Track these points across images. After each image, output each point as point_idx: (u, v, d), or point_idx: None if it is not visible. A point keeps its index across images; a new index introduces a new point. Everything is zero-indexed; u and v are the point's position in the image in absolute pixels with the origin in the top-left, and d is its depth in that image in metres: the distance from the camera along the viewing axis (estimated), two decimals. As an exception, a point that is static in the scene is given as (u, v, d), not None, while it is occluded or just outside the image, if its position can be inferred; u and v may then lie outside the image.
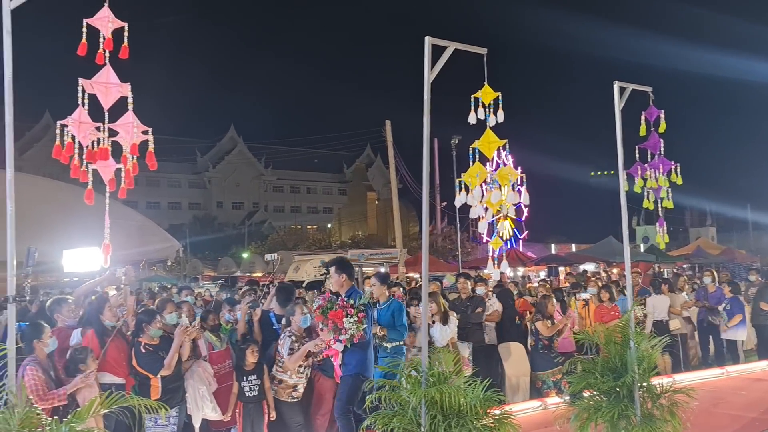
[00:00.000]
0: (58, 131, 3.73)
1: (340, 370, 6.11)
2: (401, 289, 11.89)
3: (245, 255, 43.78)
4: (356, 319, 5.81)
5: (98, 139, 3.84)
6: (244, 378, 6.52)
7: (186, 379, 6.30)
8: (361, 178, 76.06)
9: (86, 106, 3.76)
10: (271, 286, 10.67)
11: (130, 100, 3.90)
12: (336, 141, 66.35)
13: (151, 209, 54.40)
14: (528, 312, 9.83)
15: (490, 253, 5.74)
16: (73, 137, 3.80)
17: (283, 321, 7.12)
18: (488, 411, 4.57)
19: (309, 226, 65.09)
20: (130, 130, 3.89)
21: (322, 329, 6.02)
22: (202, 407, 6.28)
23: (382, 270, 21.12)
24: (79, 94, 3.81)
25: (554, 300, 8.88)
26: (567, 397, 6.59)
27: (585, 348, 7.98)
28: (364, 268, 22.34)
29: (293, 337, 6.58)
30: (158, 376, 5.90)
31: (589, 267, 23.63)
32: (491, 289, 10.06)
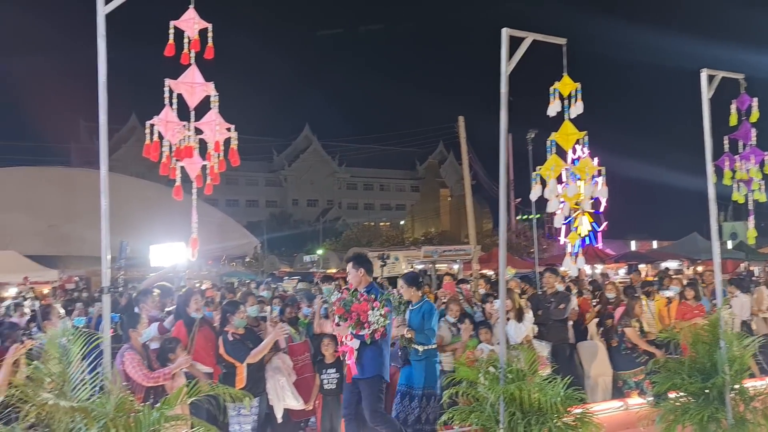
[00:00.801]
0: (147, 130, 3.89)
1: (355, 369, 5.65)
2: (468, 285, 11.84)
3: (320, 251, 44.51)
4: (382, 312, 5.50)
5: (185, 137, 3.99)
6: (323, 371, 6.64)
7: (266, 370, 6.48)
8: (433, 174, 75.85)
9: (174, 106, 3.91)
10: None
11: (213, 98, 4.02)
12: (409, 138, 66.39)
13: (230, 207, 56.01)
14: (588, 311, 9.58)
15: (568, 249, 5.60)
16: (161, 136, 3.96)
17: None
18: (569, 409, 4.48)
19: (382, 223, 65.41)
20: (213, 127, 4.02)
21: (339, 324, 5.64)
22: (283, 397, 6.44)
23: (423, 267, 21.01)
24: (166, 95, 3.96)
25: (642, 302, 8.48)
26: (651, 398, 6.37)
27: (669, 347, 7.72)
28: (437, 265, 22.31)
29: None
30: (244, 364, 6.10)
31: (672, 264, 22.72)
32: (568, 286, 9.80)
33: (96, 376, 3.53)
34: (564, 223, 5.59)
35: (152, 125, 3.93)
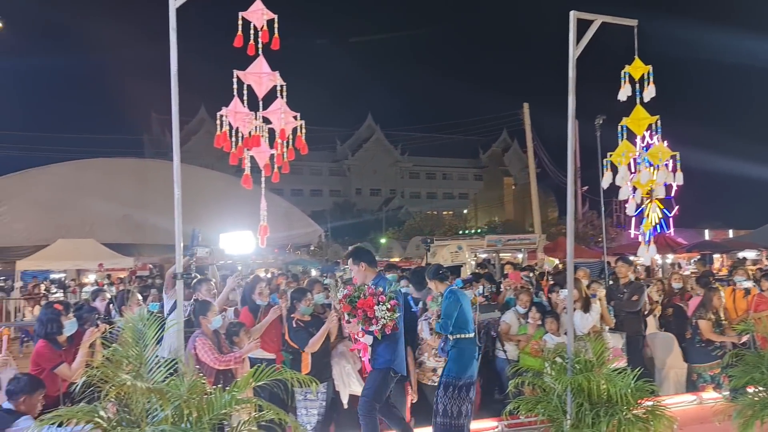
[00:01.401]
0: (218, 121, 4.00)
1: (369, 365, 5.55)
2: (531, 273, 11.65)
3: (383, 240, 44.75)
4: (388, 307, 5.28)
5: (255, 126, 4.08)
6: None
7: (332, 357, 6.58)
8: (497, 163, 74.94)
9: (245, 97, 4.00)
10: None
11: (279, 87, 4.08)
12: (472, 126, 65.78)
13: (295, 196, 56.92)
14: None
15: (644, 237, 5.42)
16: (230, 126, 4.06)
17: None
18: (639, 401, 4.36)
19: (445, 212, 65.15)
20: (278, 116, 4.09)
21: (349, 321, 5.47)
22: (349, 383, 6.54)
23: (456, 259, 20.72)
24: (234, 86, 4.05)
25: (721, 294, 8.11)
26: (727, 393, 6.13)
27: (748, 341, 7.39)
28: (501, 254, 22.07)
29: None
30: (307, 350, 6.22)
31: (750, 254, 21.71)
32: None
33: (170, 358, 3.65)
34: (634, 215, 5.41)
35: (222, 116, 4.03)
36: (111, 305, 7.17)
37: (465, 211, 65.61)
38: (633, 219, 23.24)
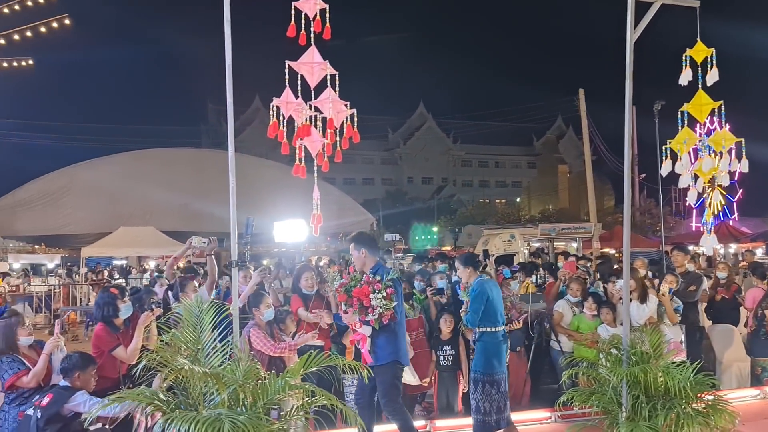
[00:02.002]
0: (272, 111, 4.05)
1: (369, 358, 5.28)
2: (589, 263, 11.41)
3: (434, 229, 44.66)
4: (384, 295, 5.04)
5: (309, 116, 4.12)
6: (440, 347, 6.69)
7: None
8: (551, 150, 73.66)
9: (299, 87, 4.04)
10: None
11: (329, 77, 4.10)
12: (525, 113, 64.76)
13: (347, 185, 57.33)
14: None
15: (706, 226, 5.24)
16: (282, 116, 4.11)
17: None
18: (699, 395, 4.24)
19: (497, 200, 64.49)
20: (327, 105, 4.11)
21: (346, 311, 5.25)
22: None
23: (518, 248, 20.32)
24: (286, 76, 4.09)
25: None
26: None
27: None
28: (555, 243, 21.71)
29: None
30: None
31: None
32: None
33: (226, 344, 3.75)
34: (696, 207, 5.22)
35: (276, 106, 4.08)
36: (169, 291, 7.36)
37: (518, 200, 64.80)
38: (694, 209, 22.51)
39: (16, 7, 18.94)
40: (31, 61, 20.00)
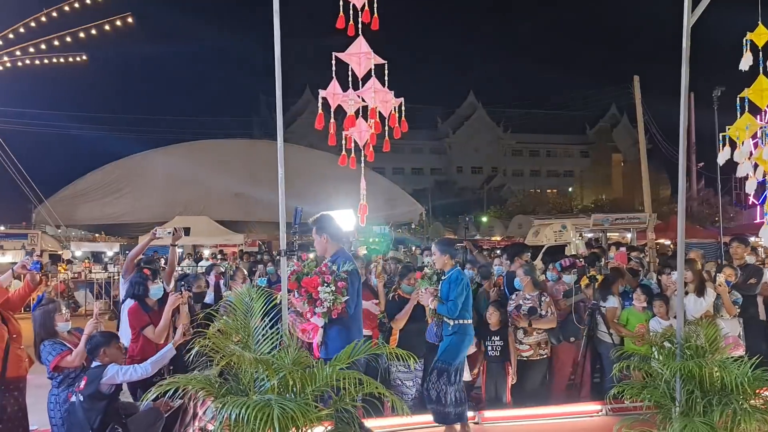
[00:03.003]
0: (320, 102, 4.09)
1: (318, 351, 4.98)
2: (641, 253, 11.13)
3: (484, 219, 44.33)
4: (333, 289, 4.70)
5: (360, 107, 4.14)
6: (488, 338, 6.66)
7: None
8: (605, 139, 71.95)
9: (350, 77, 4.06)
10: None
11: (373, 67, 4.10)
12: (578, 101, 63.46)
13: (396, 175, 57.36)
14: None
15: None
16: (329, 107, 4.15)
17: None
18: (758, 391, 4.10)
19: (549, 190, 63.52)
20: (370, 95, 4.12)
21: (298, 298, 4.89)
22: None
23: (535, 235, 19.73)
24: (333, 67, 4.12)
25: None
26: None
27: None
28: (608, 233, 21.27)
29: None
30: (393, 326, 6.34)
31: None
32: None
33: (275, 332, 3.82)
34: (755, 197, 5.02)
35: (324, 97, 4.12)
36: (222, 280, 7.54)
37: (570, 189, 63.65)
38: (753, 199, 21.67)
39: (76, 5, 19.61)
40: (84, 57, 20.68)
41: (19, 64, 20.21)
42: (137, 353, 5.31)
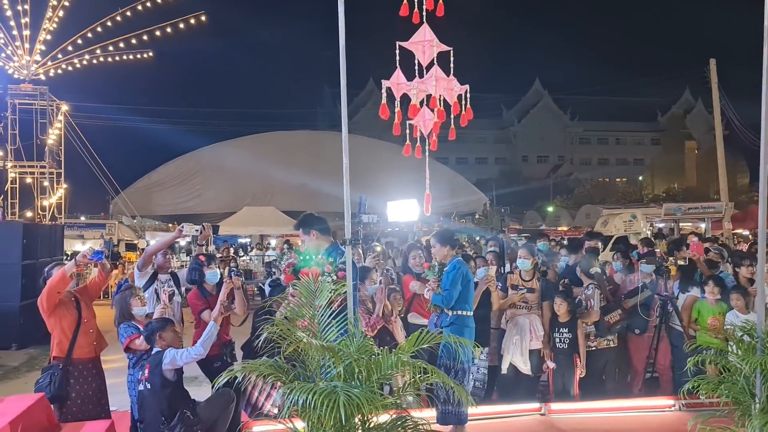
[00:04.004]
0: (384, 92, 4.09)
1: None
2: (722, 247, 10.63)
3: (550, 209, 43.52)
4: (334, 278, 4.50)
5: (426, 96, 4.12)
6: (556, 329, 6.56)
7: (500, 325, 6.61)
8: (678, 125, 69.27)
9: (416, 67, 4.05)
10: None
11: (435, 55, 4.06)
12: (648, 87, 61.32)
13: (460, 164, 57.04)
14: None
15: None
16: (393, 97, 4.14)
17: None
18: None
19: (618, 179, 61.79)
20: (430, 83, 4.09)
21: (293, 295, 4.55)
22: (513, 353, 6.53)
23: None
24: (397, 57, 4.11)
25: None
26: None
27: None
28: (681, 223, 20.53)
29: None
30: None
31: None
32: None
33: (341, 320, 3.87)
34: None
35: (388, 87, 4.12)
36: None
37: (640, 178, 61.67)
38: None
39: (148, 4, 20.37)
40: (150, 53, 21.45)
41: (94, 61, 21.15)
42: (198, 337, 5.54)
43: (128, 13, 20.41)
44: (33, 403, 4.63)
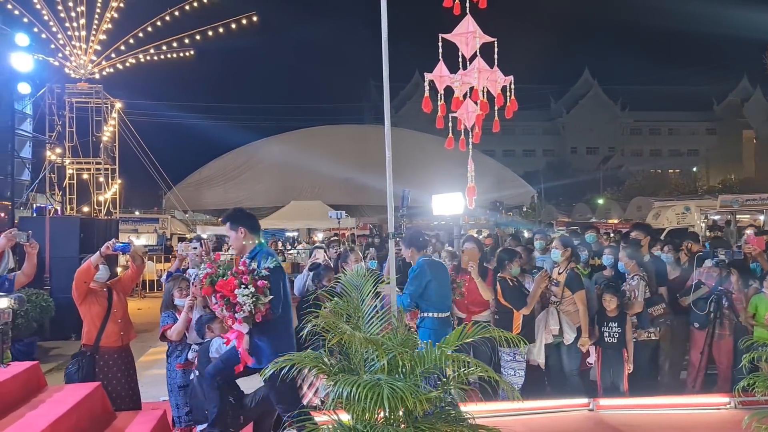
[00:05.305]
0: (427, 85, 4.08)
1: (249, 358, 4.50)
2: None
3: (600, 201, 42.65)
4: (253, 290, 4.17)
5: (470, 88, 4.09)
6: (605, 323, 6.44)
7: (541, 320, 6.53)
8: (734, 114, 66.89)
9: (459, 59, 4.02)
10: None
11: (478, 46, 4.02)
12: (703, 75, 59.34)
13: (507, 157, 56.36)
14: None
15: None
16: (436, 90, 4.12)
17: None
18: None
19: (670, 170, 60.12)
20: (473, 75, 4.04)
21: (215, 305, 4.35)
22: (540, 350, 6.49)
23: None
24: (440, 49, 4.09)
25: None
26: None
27: None
28: (737, 216, 19.85)
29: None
30: (523, 312, 6.26)
31: None
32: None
33: (384, 312, 3.89)
34: None
35: (430, 80, 4.10)
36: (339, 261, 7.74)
37: (694, 169, 59.83)
38: None
39: (195, 4, 20.83)
40: (192, 52, 21.96)
41: (142, 59, 21.74)
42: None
43: (176, 13, 20.89)
44: (90, 392, 4.79)
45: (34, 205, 19.50)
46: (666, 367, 7.02)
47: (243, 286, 4.16)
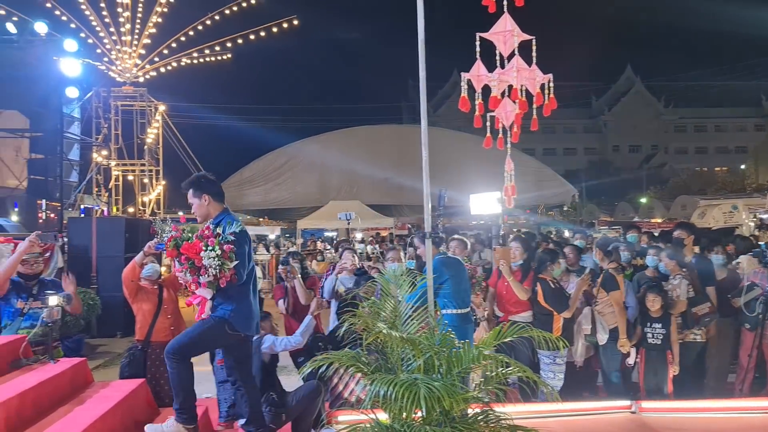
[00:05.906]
0: (464, 84, 4.07)
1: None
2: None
3: (643, 200, 41.77)
4: (218, 253, 4.10)
5: (508, 86, 4.06)
6: (648, 324, 6.33)
7: (578, 321, 6.46)
8: (786, 109, 64.74)
9: (497, 58, 4.00)
10: None
11: (516, 44, 3.98)
12: (750, 70, 57.56)
13: (547, 155, 55.59)
14: None
15: None
16: (473, 89, 4.10)
17: None
18: None
19: (717, 168, 58.49)
20: (511, 74, 4.01)
21: (179, 268, 4.29)
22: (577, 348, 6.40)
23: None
24: (477, 48, 4.06)
25: None
26: None
27: None
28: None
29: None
30: (564, 315, 6.20)
31: None
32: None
33: (421, 312, 3.89)
34: None
35: (467, 79, 4.09)
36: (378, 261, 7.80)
37: (742, 167, 58.08)
38: None
39: (235, 8, 21.21)
40: (229, 55, 22.35)
41: (183, 63, 22.20)
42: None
43: (217, 17, 21.28)
44: (135, 388, 4.93)
45: (82, 206, 20.09)
46: (713, 369, 6.85)
47: (209, 248, 4.11)
